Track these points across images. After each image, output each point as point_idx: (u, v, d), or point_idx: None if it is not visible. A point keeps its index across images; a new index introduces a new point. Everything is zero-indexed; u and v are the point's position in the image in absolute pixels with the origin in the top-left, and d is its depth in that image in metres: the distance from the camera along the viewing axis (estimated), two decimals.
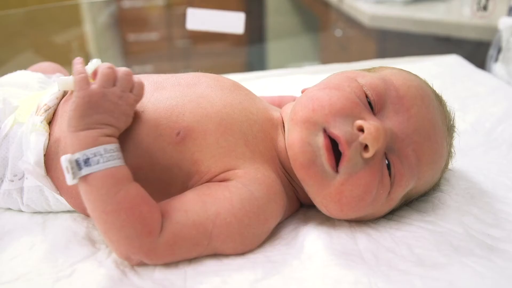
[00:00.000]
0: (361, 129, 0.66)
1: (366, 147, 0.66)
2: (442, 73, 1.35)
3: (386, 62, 1.49)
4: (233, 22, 1.27)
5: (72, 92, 0.78)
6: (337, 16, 2.57)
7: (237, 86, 0.80)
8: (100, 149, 0.63)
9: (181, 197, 0.67)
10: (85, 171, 0.62)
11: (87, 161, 0.62)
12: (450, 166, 0.83)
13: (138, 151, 0.70)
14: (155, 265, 0.65)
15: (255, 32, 3.40)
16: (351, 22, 2.35)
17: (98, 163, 0.62)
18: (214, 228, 0.65)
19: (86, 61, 0.73)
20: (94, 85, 0.66)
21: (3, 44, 1.99)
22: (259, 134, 0.74)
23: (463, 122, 1.08)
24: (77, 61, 0.69)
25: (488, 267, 0.62)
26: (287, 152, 0.71)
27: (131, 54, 3.25)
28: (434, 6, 2.12)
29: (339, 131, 0.66)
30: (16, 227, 0.77)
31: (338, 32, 2.58)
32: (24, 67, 1.01)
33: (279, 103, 0.93)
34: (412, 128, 0.68)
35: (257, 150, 0.72)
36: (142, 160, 0.70)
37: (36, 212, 0.81)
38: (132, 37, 3.32)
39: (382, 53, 2.18)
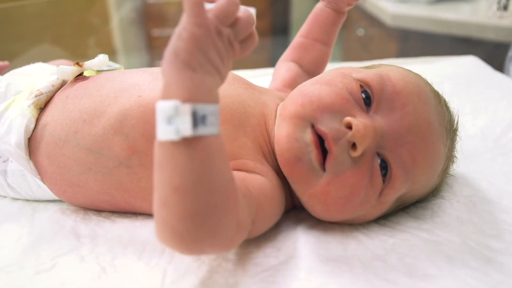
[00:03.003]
0: (349, 126, 0.63)
1: (354, 145, 0.63)
2: (457, 74, 1.30)
3: (401, 62, 1.44)
4: None
5: (71, 81, 0.78)
6: (360, 15, 2.52)
7: (236, 79, 0.78)
8: (215, 109, 0.49)
9: None
10: (202, 130, 0.48)
11: (204, 119, 0.48)
12: (453, 172, 0.79)
13: (133, 135, 0.68)
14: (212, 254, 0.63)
15: (279, 28, 3.38)
16: (373, 21, 2.31)
17: (213, 125, 0.49)
18: (256, 215, 0.61)
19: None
20: (210, 14, 0.51)
21: (25, 35, 2.01)
22: (257, 127, 0.72)
23: (473, 126, 1.03)
24: None
25: (482, 280, 0.59)
26: None
27: (156, 49, 3.27)
28: (458, 7, 2.06)
29: (325, 127, 0.64)
30: (5, 218, 0.77)
31: (360, 31, 2.53)
32: (48, 59, 1.02)
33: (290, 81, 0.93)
34: (407, 127, 0.64)
35: (256, 141, 0.71)
36: (138, 144, 0.68)
37: (25, 201, 0.81)
38: (156, 32, 3.34)
39: (404, 53, 2.14)
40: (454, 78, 1.23)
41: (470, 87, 1.22)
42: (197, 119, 0.47)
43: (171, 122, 0.47)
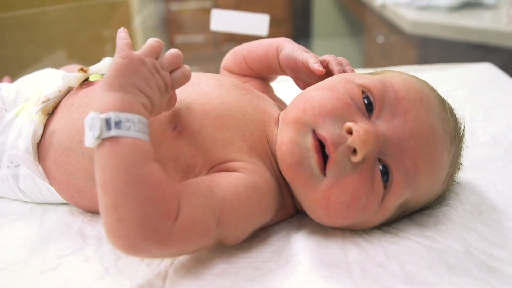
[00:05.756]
0: (350, 132, 0.63)
1: (355, 150, 0.63)
2: (472, 81, 1.28)
3: (417, 69, 1.43)
4: (257, 24, 1.25)
5: (77, 88, 0.80)
6: (380, 22, 2.52)
7: (236, 85, 0.79)
8: (134, 117, 0.57)
9: (186, 182, 0.64)
10: (114, 132, 0.56)
11: (118, 124, 0.56)
12: (461, 179, 0.78)
13: None
14: (163, 255, 0.62)
15: (301, 36, 3.39)
16: (393, 28, 2.30)
17: (129, 129, 0.57)
18: (222, 214, 0.62)
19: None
20: (137, 51, 0.63)
21: (47, 41, 2.04)
22: (256, 132, 0.72)
23: (485, 133, 1.01)
24: (122, 30, 0.66)
25: None
26: None
27: None
28: (479, 14, 2.03)
29: (326, 132, 0.64)
30: (17, 218, 0.79)
31: (380, 39, 2.52)
32: (67, 64, 1.04)
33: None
34: (409, 132, 0.64)
35: (255, 146, 0.71)
36: None
37: (36, 203, 0.82)
38: (179, 39, 3.38)
39: (423, 60, 2.12)
40: (468, 85, 1.22)
41: (484, 94, 1.20)
42: (110, 124, 0.56)
43: (91, 129, 0.56)
